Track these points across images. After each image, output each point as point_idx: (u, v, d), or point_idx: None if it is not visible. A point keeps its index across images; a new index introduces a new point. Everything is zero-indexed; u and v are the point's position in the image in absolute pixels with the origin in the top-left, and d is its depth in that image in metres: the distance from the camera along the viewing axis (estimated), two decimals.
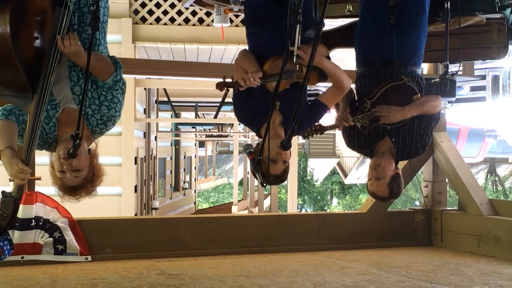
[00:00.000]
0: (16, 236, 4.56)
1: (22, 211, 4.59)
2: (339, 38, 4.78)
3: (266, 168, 3.56)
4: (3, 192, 3.13)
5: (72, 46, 3.17)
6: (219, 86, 3.54)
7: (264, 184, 3.65)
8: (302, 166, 31.14)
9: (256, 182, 17.53)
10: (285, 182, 4.22)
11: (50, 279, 4.24)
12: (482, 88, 11.97)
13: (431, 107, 4.16)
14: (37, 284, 4.12)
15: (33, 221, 4.68)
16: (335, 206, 36.02)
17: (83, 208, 5.16)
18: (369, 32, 4.26)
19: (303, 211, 33.16)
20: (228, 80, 3.56)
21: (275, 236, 5.46)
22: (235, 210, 19.71)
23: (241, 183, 24.65)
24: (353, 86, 4.33)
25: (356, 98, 4.28)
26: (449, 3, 3.96)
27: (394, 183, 4.12)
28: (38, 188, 4.78)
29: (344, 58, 7.77)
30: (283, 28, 3.81)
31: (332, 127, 4.14)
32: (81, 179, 3.31)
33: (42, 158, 3.81)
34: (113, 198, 10.08)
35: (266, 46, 3.87)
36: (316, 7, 3.63)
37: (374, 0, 4.26)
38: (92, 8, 2.94)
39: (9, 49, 2.91)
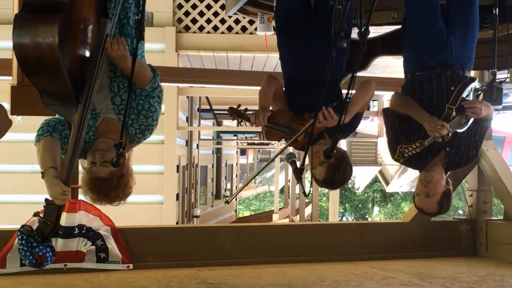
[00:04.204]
0: (59, 244, 4.60)
1: (65, 219, 4.63)
2: (383, 45, 4.72)
3: (317, 175, 3.59)
4: (46, 199, 3.17)
5: (120, 50, 3.21)
6: (232, 111, 3.85)
7: (307, 193, 3.64)
8: None
9: (297, 190, 17.50)
10: (326, 190, 4.23)
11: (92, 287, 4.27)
12: None
13: (491, 111, 4.03)
14: None
15: (76, 229, 4.71)
16: (377, 214, 35.78)
17: (125, 217, 5.20)
18: (425, 34, 4.10)
19: (344, 219, 33.01)
20: (241, 109, 3.86)
21: (316, 246, 5.41)
22: (276, 218, 19.70)
23: (282, 191, 24.62)
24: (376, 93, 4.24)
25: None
26: (497, 9, 3.89)
27: (445, 200, 3.99)
28: (81, 196, 4.82)
29: (388, 65, 7.71)
30: (313, 37, 3.83)
31: (431, 141, 3.80)
32: (109, 170, 3.30)
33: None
34: (154, 206, 10.13)
35: (297, 55, 3.88)
36: (361, 15, 3.60)
37: (425, 1, 4.14)
38: (136, 17, 2.96)
39: (57, 59, 2.95)
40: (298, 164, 3.52)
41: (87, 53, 3.20)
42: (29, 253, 3.14)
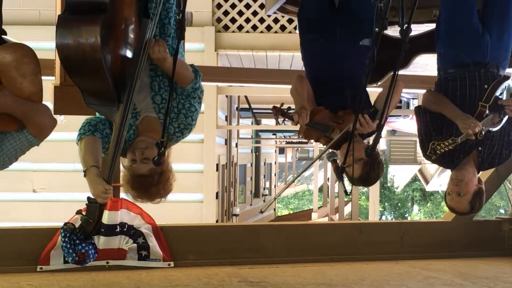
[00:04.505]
0: (102, 241, 4.65)
1: (107, 217, 4.68)
2: (424, 44, 4.68)
3: (353, 173, 3.58)
4: (88, 198, 3.20)
5: (161, 53, 3.23)
6: (276, 109, 3.83)
7: (348, 192, 3.63)
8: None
9: (336, 189, 17.45)
10: (366, 189, 4.22)
11: (134, 285, 4.31)
12: None
13: None
14: None
15: (118, 227, 4.77)
16: (416, 213, 35.47)
17: (166, 215, 5.23)
18: (460, 31, 4.02)
19: (383, 218, 32.80)
20: (284, 108, 3.83)
21: (356, 245, 5.40)
22: (315, 217, 19.66)
23: (321, 189, 24.54)
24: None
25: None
26: None
27: (476, 199, 3.90)
28: (122, 195, 4.86)
29: (428, 64, 7.64)
30: (339, 35, 3.82)
31: (463, 139, 3.72)
32: (149, 167, 3.29)
33: None
34: (195, 205, 10.18)
35: (322, 53, 3.86)
36: (403, 13, 3.57)
37: None
38: (177, 17, 2.98)
39: (99, 60, 2.98)
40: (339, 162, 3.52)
41: (129, 53, 3.22)
42: (72, 250, 3.17)
